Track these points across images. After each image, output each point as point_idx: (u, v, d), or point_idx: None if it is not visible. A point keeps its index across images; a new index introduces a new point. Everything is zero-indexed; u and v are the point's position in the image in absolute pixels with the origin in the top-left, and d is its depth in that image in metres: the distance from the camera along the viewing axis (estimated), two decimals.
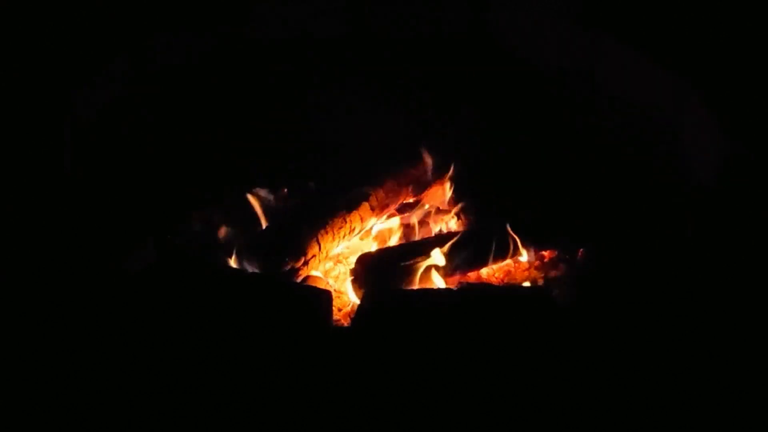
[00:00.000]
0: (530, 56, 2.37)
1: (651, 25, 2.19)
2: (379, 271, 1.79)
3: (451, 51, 2.45)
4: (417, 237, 1.98)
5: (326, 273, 1.93)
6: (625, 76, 2.19)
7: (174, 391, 1.41)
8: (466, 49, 2.44)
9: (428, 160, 2.07)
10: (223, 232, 1.92)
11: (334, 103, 2.37)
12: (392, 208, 2.06)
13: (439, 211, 2.06)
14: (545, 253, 1.94)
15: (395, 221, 2.05)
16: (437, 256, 1.81)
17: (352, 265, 1.85)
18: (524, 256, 1.91)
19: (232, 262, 1.80)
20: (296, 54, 2.42)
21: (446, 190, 2.10)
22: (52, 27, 2.14)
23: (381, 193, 1.97)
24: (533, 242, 1.90)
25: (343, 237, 1.90)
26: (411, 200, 2.08)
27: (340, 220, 1.88)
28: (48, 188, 1.73)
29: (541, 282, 1.88)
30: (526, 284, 1.87)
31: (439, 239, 1.89)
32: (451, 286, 1.81)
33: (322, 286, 1.80)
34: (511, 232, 1.87)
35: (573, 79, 2.30)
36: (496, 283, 1.89)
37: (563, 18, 2.29)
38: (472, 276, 1.90)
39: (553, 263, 1.93)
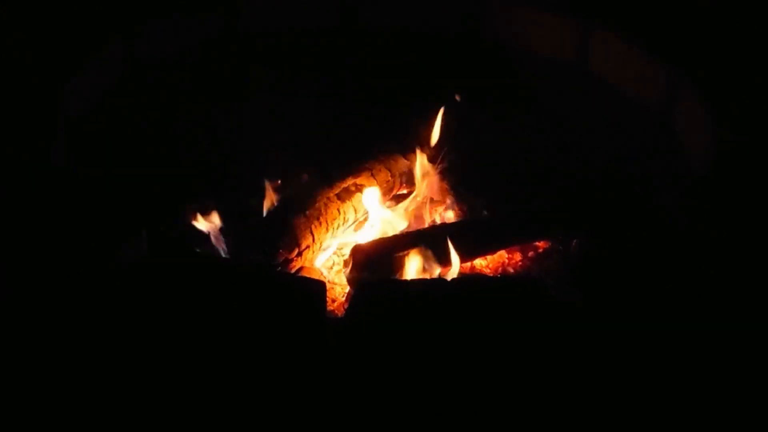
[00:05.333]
0: (522, 47, 2.36)
1: (644, 15, 2.19)
2: (373, 261, 1.78)
3: (443, 42, 2.45)
4: (411, 228, 1.98)
5: (320, 264, 1.93)
6: (618, 67, 2.19)
7: (167, 384, 1.41)
8: (459, 40, 2.44)
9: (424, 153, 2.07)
10: (216, 224, 1.92)
11: (326, 94, 2.37)
12: (386, 199, 2.05)
13: (433, 201, 2.06)
14: (539, 244, 1.94)
15: (389, 212, 2.05)
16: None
17: (346, 256, 1.85)
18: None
19: (226, 254, 1.80)
20: (289, 45, 2.42)
21: (440, 181, 2.10)
22: (42, 16, 2.13)
23: (375, 185, 1.97)
24: (528, 232, 1.90)
25: (337, 228, 1.90)
26: (404, 191, 2.08)
27: (333, 211, 1.88)
28: (38, 181, 1.72)
29: (535, 273, 1.88)
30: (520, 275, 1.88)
31: (434, 230, 1.89)
32: (445, 277, 1.81)
33: (315, 277, 1.80)
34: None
35: (565, 70, 2.29)
36: (489, 274, 1.90)
37: (555, 8, 2.28)
38: (465, 266, 1.90)
39: (547, 254, 1.93)
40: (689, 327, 1.49)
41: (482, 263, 1.92)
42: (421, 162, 2.04)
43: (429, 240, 1.82)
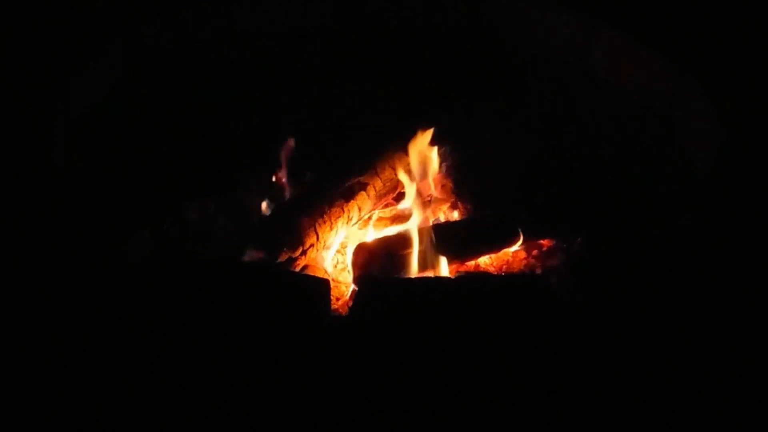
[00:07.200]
0: (525, 45, 2.36)
1: (646, 11, 2.18)
2: (376, 260, 1.79)
3: (446, 42, 2.45)
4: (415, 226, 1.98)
5: (324, 262, 1.93)
6: (620, 64, 2.19)
7: (171, 382, 1.41)
8: (462, 39, 2.44)
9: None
10: (219, 222, 1.93)
11: (330, 93, 2.37)
12: (389, 198, 2.06)
13: (436, 200, 2.06)
14: (543, 242, 1.94)
15: (393, 210, 2.05)
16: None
17: (350, 255, 1.85)
18: (517, 245, 1.92)
19: (229, 253, 1.80)
20: (291, 45, 2.42)
21: (444, 180, 2.10)
22: (44, 15, 2.13)
23: (378, 183, 1.97)
24: (532, 231, 1.90)
25: (341, 226, 1.90)
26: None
27: (337, 210, 1.88)
28: (39, 180, 1.72)
29: (538, 271, 1.88)
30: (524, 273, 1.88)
31: (437, 228, 1.89)
32: (449, 275, 1.81)
33: (320, 275, 1.80)
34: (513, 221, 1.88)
35: (568, 68, 2.29)
36: (493, 272, 1.90)
37: (558, 6, 2.28)
38: (470, 265, 1.90)
39: (550, 252, 1.93)
40: (690, 326, 1.49)
41: (486, 261, 1.92)
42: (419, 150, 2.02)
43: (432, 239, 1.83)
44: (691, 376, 1.44)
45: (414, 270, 1.80)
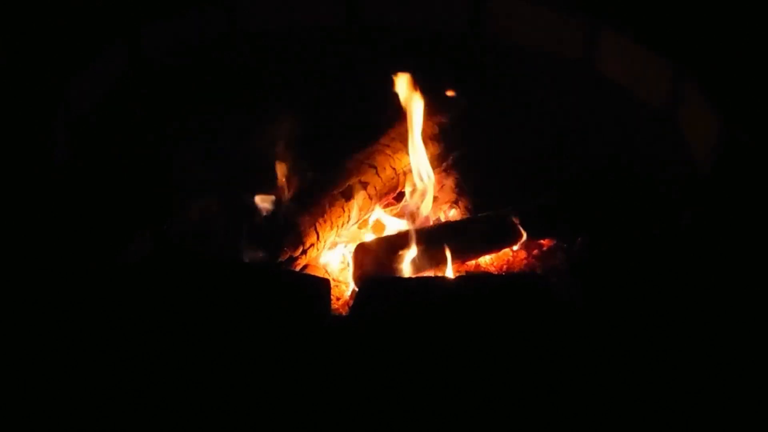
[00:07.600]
0: (525, 45, 2.36)
1: (646, 11, 2.19)
2: (377, 259, 1.79)
3: (446, 41, 2.45)
4: (415, 226, 1.98)
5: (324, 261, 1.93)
6: (620, 64, 2.19)
7: (171, 384, 1.41)
8: (463, 38, 2.44)
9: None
10: (219, 222, 1.92)
11: (330, 91, 2.37)
12: (390, 197, 2.06)
13: (437, 199, 2.06)
14: (543, 242, 1.94)
15: (393, 210, 2.05)
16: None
17: (350, 254, 1.85)
18: (518, 245, 1.92)
19: (229, 253, 1.80)
20: (291, 44, 2.42)
21: (444, 179, 2.10)
22: (43, 17, 2.13)
23: (379, 182, 1.97)
24: (532, 231, 1.91)
25: (342, 226, 1.90)
26: (409, 189, 2.08)
27: (338, 209, 1.88)
28: (40, 180, 1.72)
29: (539, 271, 1.88)
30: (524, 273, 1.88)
31: (438, 228, 1.89)
32: (449, 275, 1.81)
33: (320, 275, 1.80)
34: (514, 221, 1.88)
35: (568, 68, 2.29)
36: (493, 272, 1.90)
37: (561, 7, 2.28)
38: (470, 265, 1.90)
39: (550, 252, 1.93)
40: (690, 326, 1.49)
41: (486, 261, 1.92)
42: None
43: (432, 238, 1.83)
44: (691, 376, 1.44)
45: (414, 270, 1.80)
